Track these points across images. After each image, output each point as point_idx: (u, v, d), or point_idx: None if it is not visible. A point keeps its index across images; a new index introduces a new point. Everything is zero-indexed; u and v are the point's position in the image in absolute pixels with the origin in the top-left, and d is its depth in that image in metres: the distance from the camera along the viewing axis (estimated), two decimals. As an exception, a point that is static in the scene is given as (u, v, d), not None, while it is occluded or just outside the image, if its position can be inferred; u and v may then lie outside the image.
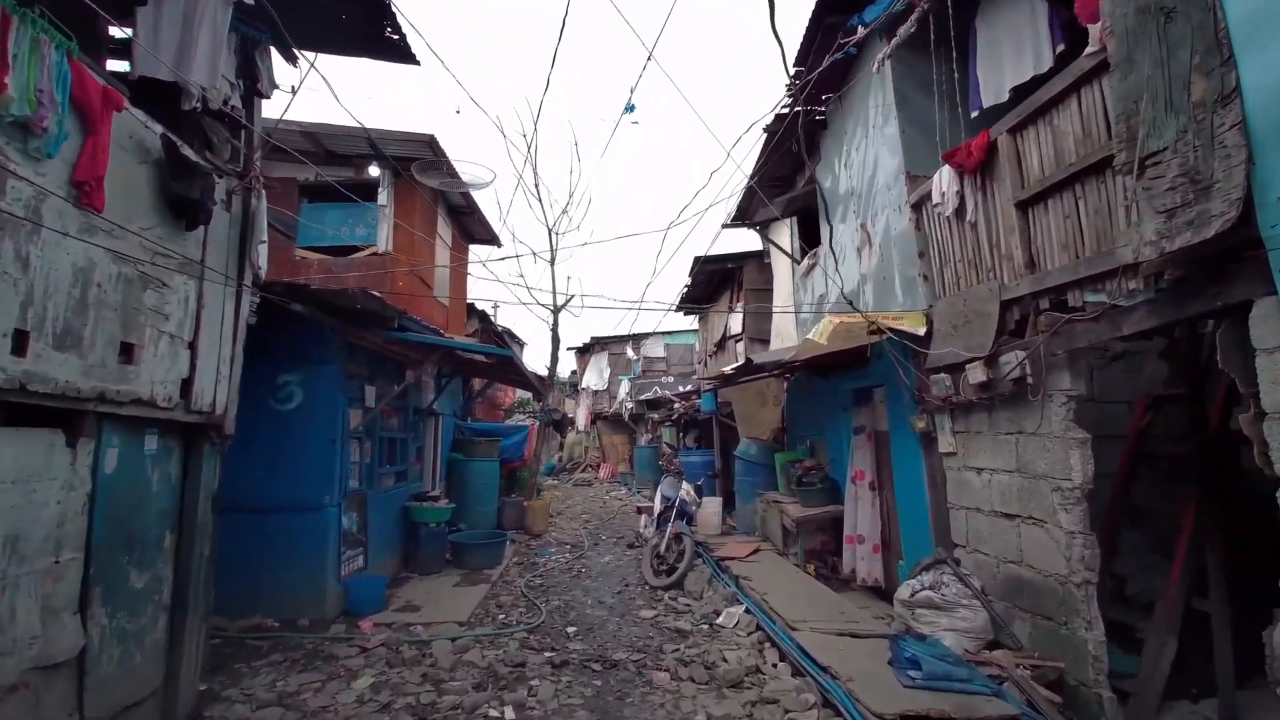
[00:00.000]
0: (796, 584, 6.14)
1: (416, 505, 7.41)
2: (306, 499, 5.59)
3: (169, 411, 3.67)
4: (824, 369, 7.65)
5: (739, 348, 11.73)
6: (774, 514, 7.89)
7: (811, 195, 8.05)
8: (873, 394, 6.46)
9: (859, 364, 6.47)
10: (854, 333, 5.12)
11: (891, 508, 6.06)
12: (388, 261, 8.04)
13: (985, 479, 4.36)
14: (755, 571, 6.58)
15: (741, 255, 11.53)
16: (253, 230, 4.19)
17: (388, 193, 8.13)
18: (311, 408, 5.73)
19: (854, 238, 6.47)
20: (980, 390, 4.18)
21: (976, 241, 4.36)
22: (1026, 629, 4.04)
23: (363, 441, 6.41)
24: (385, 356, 6.91)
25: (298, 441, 5.66)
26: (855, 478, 6.62)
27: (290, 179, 8.22)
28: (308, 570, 5.54)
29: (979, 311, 4.23)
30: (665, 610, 6.08)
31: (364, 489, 6.35)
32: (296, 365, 5.77)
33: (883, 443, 6.23)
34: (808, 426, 8.71)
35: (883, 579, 6.13)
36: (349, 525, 5.91)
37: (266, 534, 5.53)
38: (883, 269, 5.76)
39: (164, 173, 3.69)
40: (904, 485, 5.56)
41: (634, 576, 7.39)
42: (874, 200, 5.96)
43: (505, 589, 6.80)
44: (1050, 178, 3.66)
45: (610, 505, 14.54)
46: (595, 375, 23.09)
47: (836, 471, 7.34)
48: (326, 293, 5.11)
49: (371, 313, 5.72)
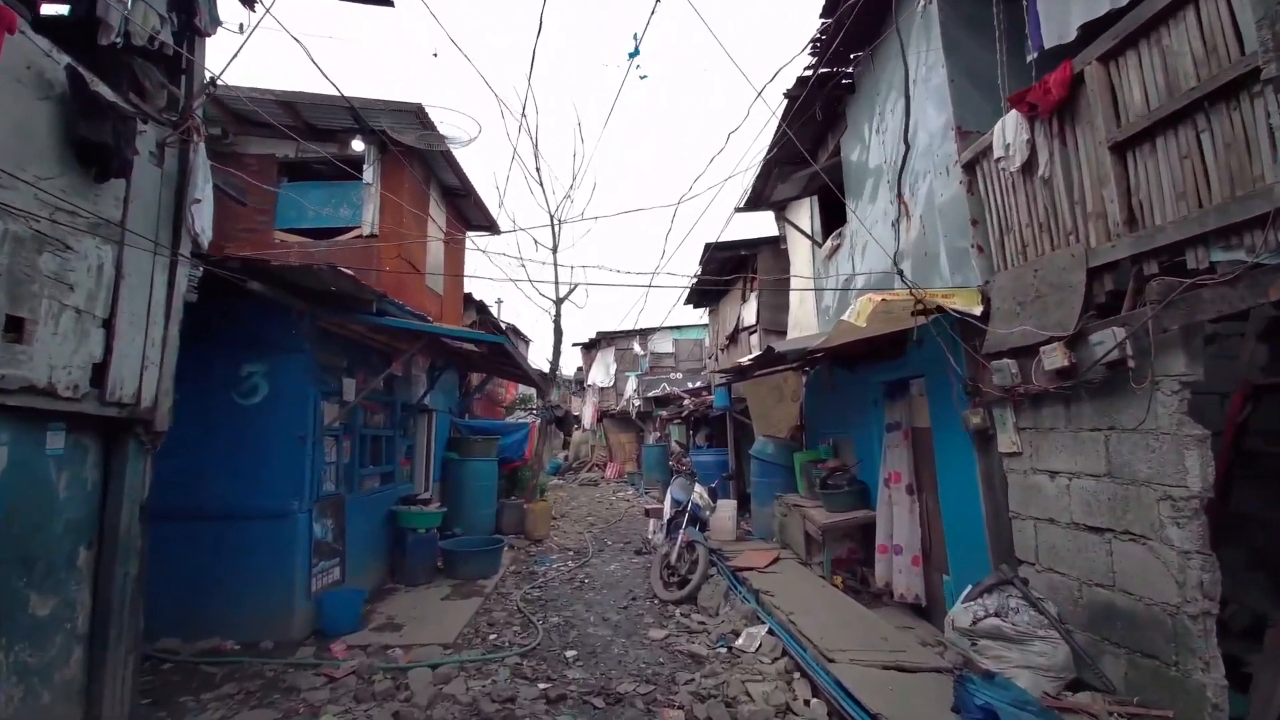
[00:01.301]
0: (824, 600, 5.44)
1: (404, 509, 6.76)
2: (271, 505, 4.94)
3: (75, 403, 3.02)
4: (850, 360, 6.95)
5: (753, 340, 11.02)
6: (795, 519, 7.19)
7: (835, 170, 7.34)
8: (909, 386, 5.74)
9: (893, 353, 5.76)
10: (895, 314, 4.41)
11: (934, 515, 5.34)
12: (373, 245, 7.39)
13: (1062, 484, 3.64)
14: (777, 585, 5.89)
15: (755, 241, 10.81)
16: (188, 188, 3.54)
17: (373, 169, 7.47)
18: (278, 402, 5.09)
19: (887, 211, 5.75)
20: (1059, 378, 3.47)
21: (1051, 199, 3.64)
22: (1120, 668, 3.32)
23: (340, 440, 5.76)
24: (367, 345, 6.26)
25: (262, 440, 5.01)
26: (888, 480, 5.91)
27: (268, 156, 7.58)
28: (272, 585, 4.90)
29: (1057, 283, 3.52)
30: (677, 629, 5.39)
31: (342, 492, 5.70)
32: (261, 354, 5.13)
33: (922, 441, 5.52)
34: (830, 423, 8.00)
35: (923, 595, 5.42)
36: (322, 533, 5.26)
37: (226, 544, 4.90)
38: (924, 243, 5.04)
39: (70, 113, 3.04)
40: (951, 490, 4.85)
41: (642, 588, 6.72)
42: (913, 166, 5.25)
43: (499, 603, 6.14)
44: (1159, 110, 2.95)
45: (617, 506, 13.88)
46: (601, 372, 22.44)
47: (865, 473, 6.63)
48: (289, 269, 4.46)
49: (346, 295, 5.06)
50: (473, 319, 11.16)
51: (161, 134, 3.59)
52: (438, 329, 5.26)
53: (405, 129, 6.99)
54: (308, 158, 7.65)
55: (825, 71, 6.19)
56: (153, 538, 4.87)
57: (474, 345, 5.73)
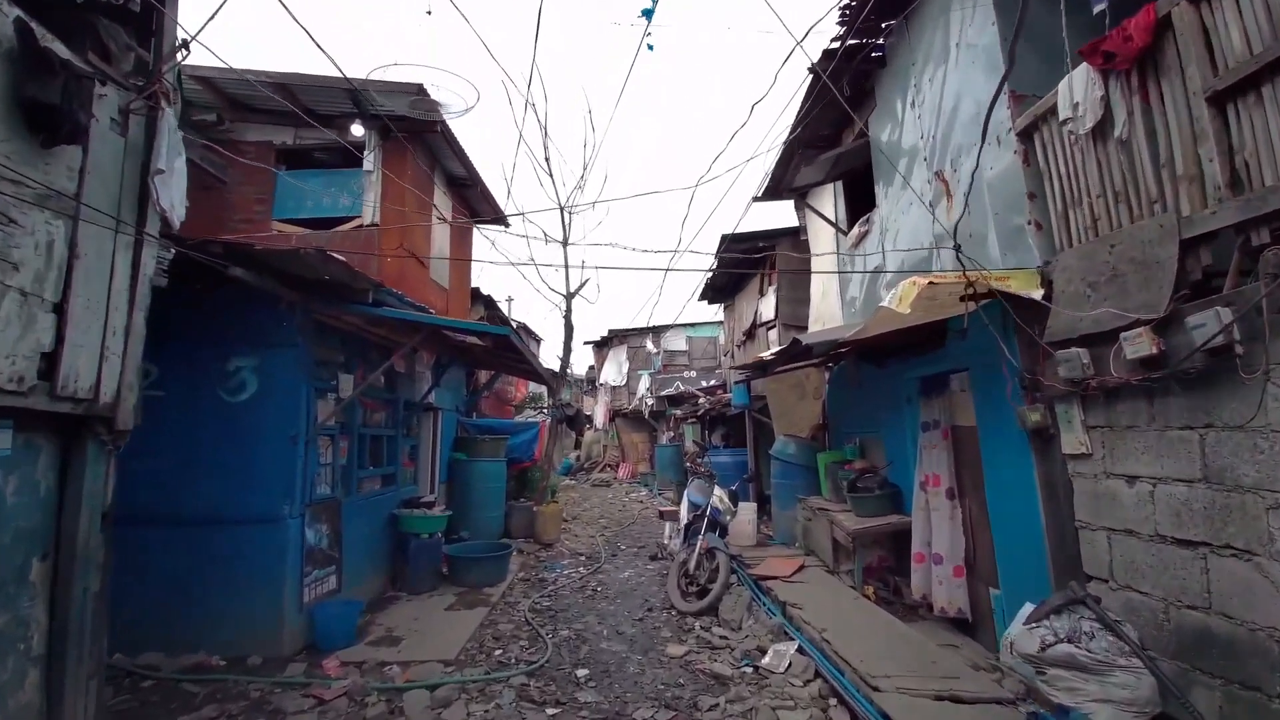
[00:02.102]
0: (857, 614, 5.00)
1: (406, 513, 6.40)
2: (260, 509, 4.59)
3: (21, 396, 2.66)
4: (880, 354, 6.50)
5: (771, 336, 10.58)
6: (820, 524, 6.75)
7: (863, 152, 6.89)
8: (949, 381, 5.28)
9: (931, 345, 5.31)
10: (941, 300, 3.97)
11: (979, 522, 4.89)
12: (374, 235, 7.04)
13: (1143, 491, 3.19)
14: (804, 596, 5.46)
15: (774, 233, 10.37)
16: (154, 159, 3.17)
17: (374, 156, 7.13)
18: (268, 399, 4.74)
19: (924, 191, 5.30)
20: (1142, 368, 3.02)
21: (1130, 164, 3.19)
22: (1214, 700, 2.87)
23: (336, 439, 5.41)
24: (366, 339, 5.90)
25: (251, 439, 4.67)
26: (925, 483, 5.46)
27: (266, 143, 7.27)
28: (261, 596, 4.54)
29: (1140, 259, 3.06)
30: (697, 644, 4.97)
31: (338, 495, 5.34)
32: (250, 348, 4.78)
33: (966, 441, 5.06)
34: (856, 422, 7.54)
35: (968, 609, 4.96)
36: (316, 540, 4.90)
37: (211, 551, 4.55)
38: (968, 224, 4.58)
39: (17, 71, 2.68)
40: (1001, 495, 4.39)
41: (658, 597, 6.31)
42: (954, 140, 4.80)
43: (506, 613, 5.75)
44: (1265, 54, 2.49)
45: (630, 508, 13.47)
46: (614, 370, 22.05)
47: (897, 475, 6.18)
48: (274, 254, 4.10)
49: (339, 284, 4.70)
50: (481, 315, 10.81)
51: (126, 99, 3.23)
52: (438, 320, 4.89)
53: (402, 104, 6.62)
54: (306, 144, 7.33)
55: (854, 44, 5.75)
56: (133, 544, 4.54)
57: (478, 338, 5.35)
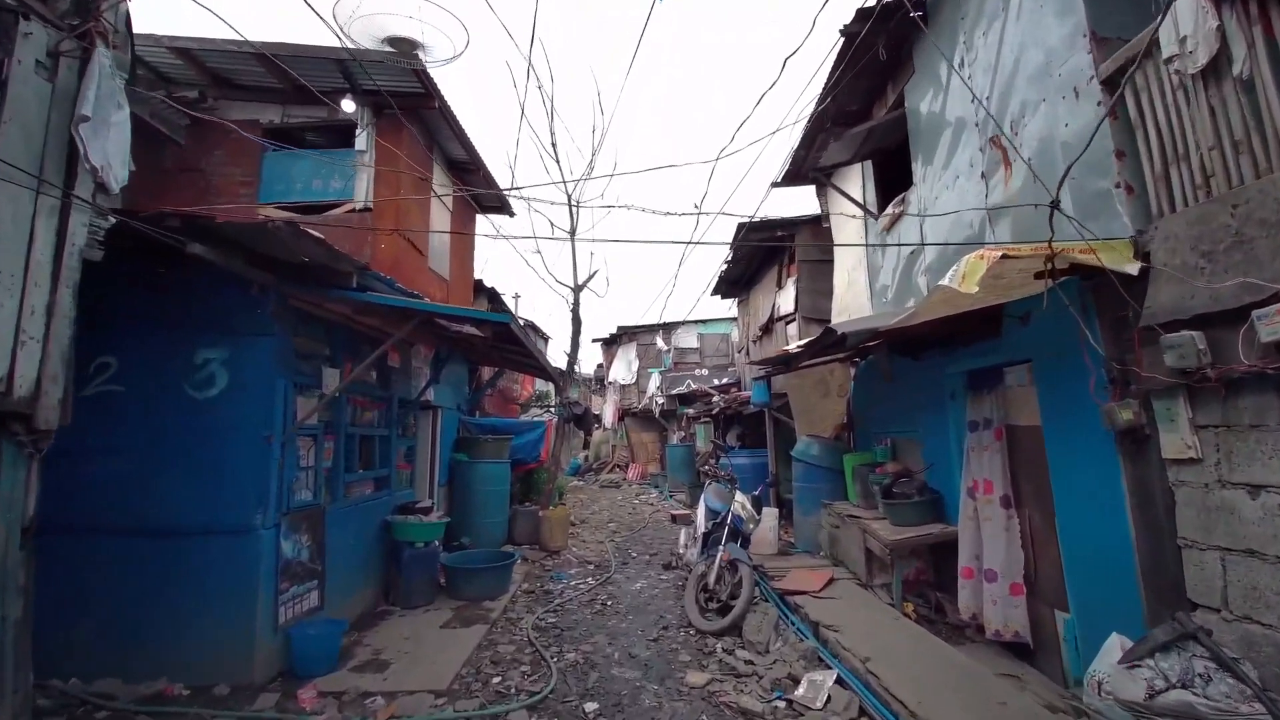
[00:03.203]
0: (900, 637, 4.44)
1: (400, 520, 5.89)
2: (229, 518, 4.09)
3: (-100, 389, 2.17)
4: (916, 345, 5.93)
5: (790, 330, 10.01)
6: (851, 532, 6.19)
7: (897, 126, 6.31)
8: (1003, 375, 4.71)
9: (982, 334, 4.74)
10: (1008, 279, 3.40)
11: (1043, 535, 4.32)
12: (367, 220, 6.55)
13: (1272, 503, 2.61)
14: (837, 614, 4.90)
15: (793, 221, 9.79)
16: (80, 104, 2.67)
17: (367, 135, 6.63)
18: (240, 395, 4.24)
19: (974, 162, 4.73)
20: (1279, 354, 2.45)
21: (1255, 108, 2.62)
22: (1378, 769, 2.30)
23: (320, 440, 4.90)
24: (355, 330, 5.40)
25: (220, 441, 4.17)
26: (973, 489, 4.89)
27: (251, 121, 6.78)
28: (230, 617, 4.04)
29: (1275, 220, 2.49)
30: (720, 670, 4.43)
31: (321, 501, 4.84)
32: (220, 337, 4.28)
33: (1025, 442, 4.49)
34: (888, 421, 6.97)
35: (1027, 633, 4.39)
36: (294, 552, 4.40)
37: (175, 567, 4.06)
38: (1034, 192, 4.01)
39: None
40: (1074, 505, 3.82)
41: (674, 612, 5.77)
42: (1014, 100, 4.23)
43: (507, 631, 5.23)
44: None
45: (640, 511, 12.95)
46: (623, 368, 21.53)
47: (938, 479, 5.61)
48: (240, 228, 3.59)
49: (320, 266, 4.20)
50: (484, 308, 10.31)
51: (54, 40, 2.73)
52: (429, 306, 4.39)
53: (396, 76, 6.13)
54: (295, 123, 6.86)
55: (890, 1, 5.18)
56: (87, 556, 4.03)
57: (475, 328, 4.84)
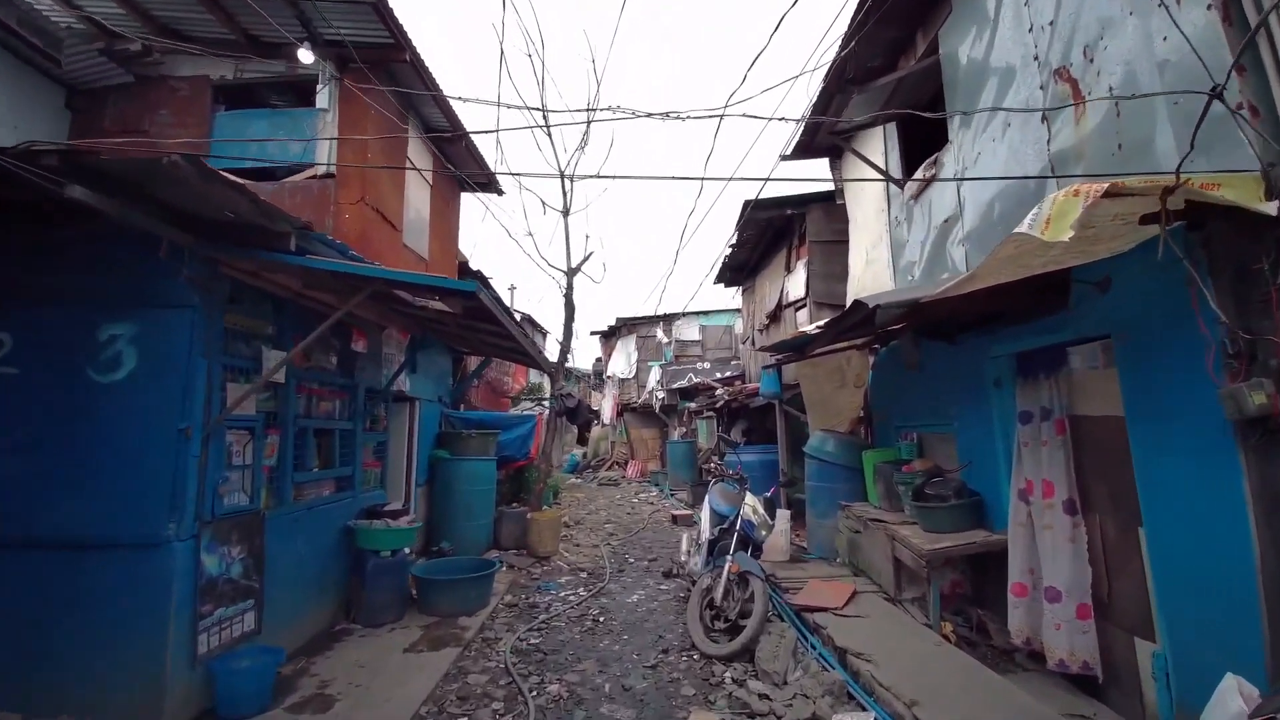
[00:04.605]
0: (946, 668, 3.72)
1: (364, 526, 5.17)
2: (133, 528, 3.36)
3: None
4: (949, 326, 5.21)
5: (800, 316, 9.28)
6: (875, 539, 5.46)
7: (929, 77, 5.57)
8: (1067, 356, 3.98)
9: (1038, 308, 4.01)
10: (1099, 228, 2.65)
11: (1119, 547, 3.59)
12: (330, 188, 5.82)
13: None
14: (866, 637, 4.19)
15: (804, 198, 9.06)
16: None
17: (329, 92, 5.90)
18: (151, 378, 3.51)
19: (1032, 102, 3.99)
20: None
21: None
22: None
23: (260, 434, 4.17)
24: (308, 309, 4.66)
25: (125, 433, 3.45)
26: (1027, 492, 4.17)
27: (201, 78, 6.06)
28: (135, 647, 3.32)
29: None
30: (731, 707, 3.72)
31: (259, 506, 4.12)
32: (128, 310, 3.56)
33: (1095, 436, 3.76)
34: (913, 413, 6.26)
35: (1097, 663, 3.66)
36: (220, 568, 3.68)
37: (72, 586, 3.34)
38: (1116, 130, 3.27)
39: None
40: (1169, 511, 3.08)
41: (674, 631, 5.05)
42: (1087, 18, 3.48)
43: (482, 655, 4.52)
44: None
45: (639, 510, 12.24)
46: (622, 362, 20.81)
47: (978, 480, 4.89)
48: (130, 164, 2.86)
49: (252, 225, 3.46)
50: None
51: None
52: (381, 272, 3.65)
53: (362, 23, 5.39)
54: (250, 78, 6.12)
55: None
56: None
57: (442, 301, 4.12)
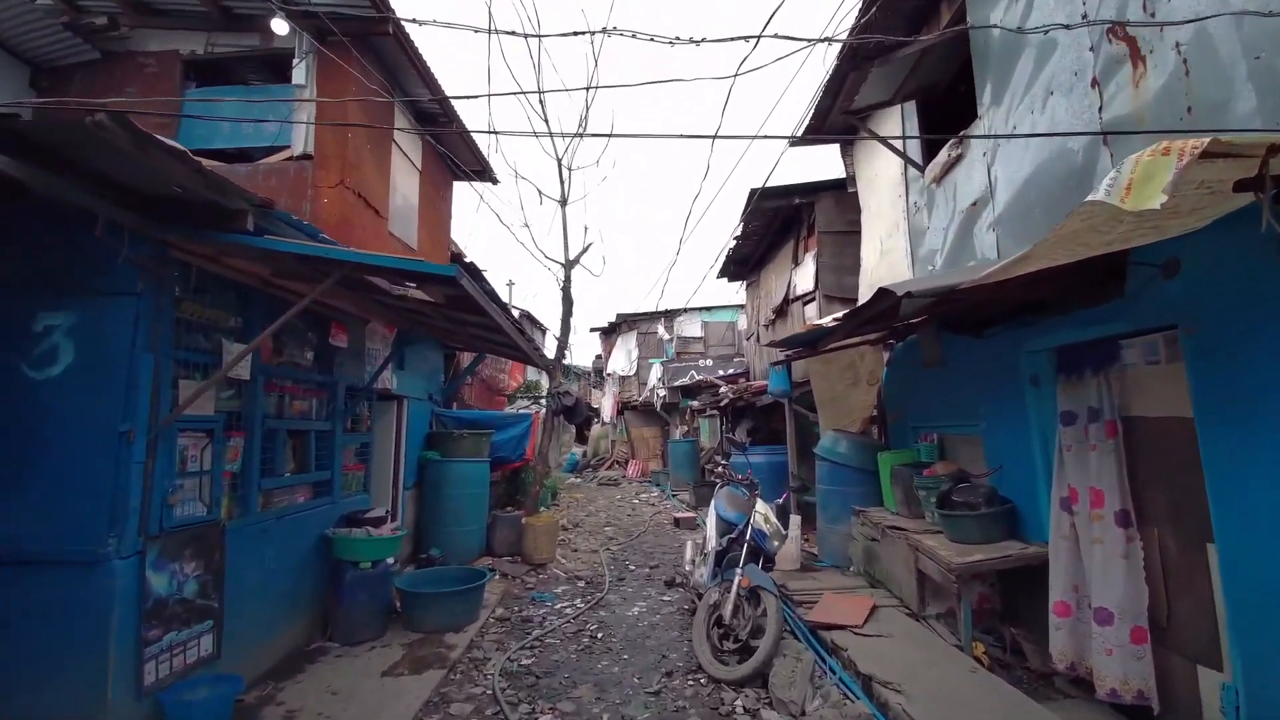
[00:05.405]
0: (988, 701, 3.32)
1: (342, 535, 4.78)
2: (67, 544, 2.97)
3: None
4: (975, 319, 4.82)
5: (808, 311, 8.87)
6: (895, 549, 5.06)
7: (953, 49, 5.16)
8: (1119, 350, 3.57)
9: (1085, 296, 3.61)
10: (1185, 197, 2.24)
11: (1181, 564, 3.19)
12: (307, 170, 5.41)
13: None
14: (892, 661, 3.79)
15: (812, 186, 8.64)
16: None
17: (306, 67, 5.48)
18: (90, 374, 3.11)
19: (1078, 69, 3.58)
20: None
21: None
22: None
23: (221, 436, 3.77)
24: (278, 297, 4.25)
25: (61, 436, 3.05)
26: (1070, 501, 3.77)
27: (171, 53, 5.65)
28: (73, 677, 2.93)
29: None
30: (742, 741, 3.33)
31: (218, 517, 3.71)
32: (66, 297, 3.16)
33: (1154, 439, 3.35)
34: (929, 412, 5.88)
35: (1154, 694, 3.26)
36: (170, 587, 3.28)
37: (8, 609, 2.95)
38: (1183, 92, 2.86)
39: None
40: (1248, 526, 2.68)
41: (679, 649, 4.66)
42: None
43: (468, 679, 4.12)
44: None
45: (640, 512, 11.85)
46: (622, 359, 20.41)
47: (1010, 486, 4.49)
48: (49, 126, 2.46)
49: (204, 202, 3.06)
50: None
51: None
52: (349, 254, 3.23)
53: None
54: (223, 53, 5.71)
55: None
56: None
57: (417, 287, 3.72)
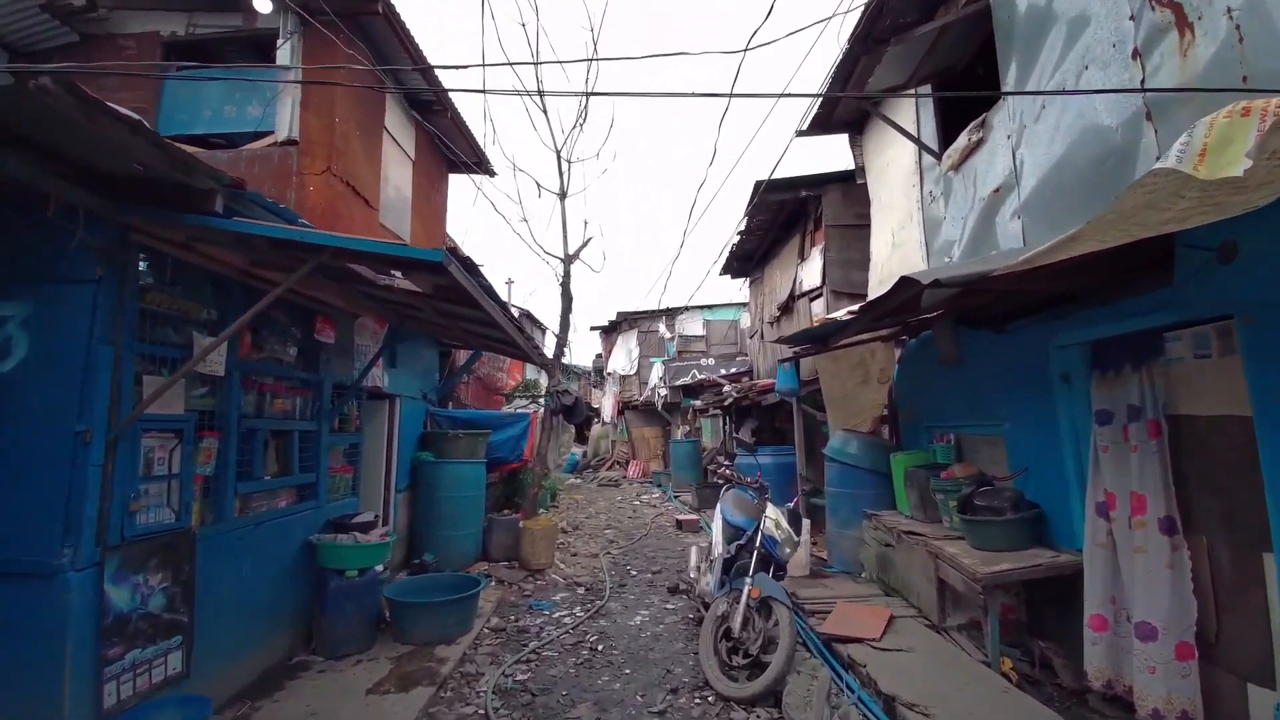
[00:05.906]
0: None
1: (327, 541, 4.52)
2: (17, 555, 2.70)
3: None
4: (996, 312, 4.56)
5: (815, 307, 8.62)
6: (913, 556, 4.80)
7: (974, 26, 4.90)
8: (1162, 343, 3.30)
9: (1125, 287, 3.35)
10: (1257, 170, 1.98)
11: (1230, 575, 2.93)
12: (292, 156, 5.15)
13: None
14: (913, 678, 3.52)
15: (819, 179, 8.38)
16: None
17: (291, 47, 5.22)
18: (45, 370, 2.85)
19: (1117, 41, 3.32)
20: None
21: None
22: None
23: (191, 436, 3.51)
24: (257, 289, 3.98)
25: (10, 437, 2.79)
26: (1107, 506, 3.51)
27: (150, 34, 5.39)
28: (19, 700, 2.66)
29: None
30: (754, 768, 3.06)
31: (188, 524, 3.45)
32: (20, 286, 2.90)
33: (1208, 440, 3.09)
34: (944, 411, 5.62)
35: (1200, 714, 3.00)
36: (133, 601, 3.02)
37: (-60, 627, 2.69)
38: (1238, 60, 2.61)
39: None
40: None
41: (684, 663, 4.40)
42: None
43: (459, 697, 3.86)
44: None
45: (641, 513, 11.59)
46: (623, 358, 20.14)
47: (1037, 489, 4.23)
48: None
49: (169, 182, 2.79)
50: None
51: None
52: (325, 238, 2.97)
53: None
54: (204, 34, 5.44)
55: None
56: None
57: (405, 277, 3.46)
